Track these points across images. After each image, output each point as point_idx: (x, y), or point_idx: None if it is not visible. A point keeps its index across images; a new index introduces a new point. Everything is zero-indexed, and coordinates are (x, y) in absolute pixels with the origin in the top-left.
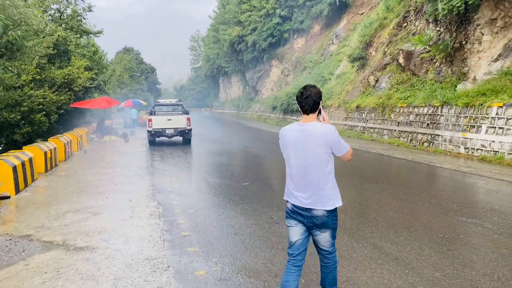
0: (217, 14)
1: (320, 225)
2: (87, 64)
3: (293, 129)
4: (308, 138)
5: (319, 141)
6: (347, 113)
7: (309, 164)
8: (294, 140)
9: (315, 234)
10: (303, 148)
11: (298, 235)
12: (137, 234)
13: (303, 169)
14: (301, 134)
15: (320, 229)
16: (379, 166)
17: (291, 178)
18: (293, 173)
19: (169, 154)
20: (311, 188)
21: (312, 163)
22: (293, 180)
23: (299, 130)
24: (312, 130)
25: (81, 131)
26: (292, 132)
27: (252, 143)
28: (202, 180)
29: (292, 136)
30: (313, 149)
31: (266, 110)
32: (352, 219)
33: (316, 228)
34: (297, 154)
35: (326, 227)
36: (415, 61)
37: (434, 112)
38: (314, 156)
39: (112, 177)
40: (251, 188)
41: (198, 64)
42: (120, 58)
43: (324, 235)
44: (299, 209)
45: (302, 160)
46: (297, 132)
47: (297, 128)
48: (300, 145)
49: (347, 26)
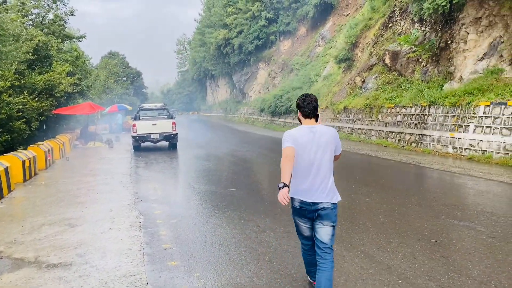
0: (203, 17)
1: (324, 218)
2: (70, 69)
3: (303, 131)
4: (320, 139)
5: (329, 140)
6: (335, 115)
7: (318, 161)
8: (306, 141)
9: (318, 227)
10: (315, 147)
11: (309, 230)
12: (115, 247)
13: (313, 166)
14: (312, 135)
15: (323, 221)
16: (368, 168)
17: (300, 175)
18: (303, 171)
19: (154, 160)
20: (318, 183)
21: (321, 160)
22: (301, 177)
23: (310, 132)
24: (322, 131)
25: (64, 138)
26: (302, 133)
27: (240, 147)
28: (187, 187)
29: (306, 138)
30: (323, 148)
31: (254, 112)
32: (341, 225)
33: (319, 221)
34: (308, 153)
35: (329, 220)
36: (401, 61)
37: (421, 112)
38: (324, 154)
39: (94, 185)
40: (238, 194)
41: (185, 68)
42: (105, 63)
43: (326, 228)
44: (306, 204)
45: (313, 158)
46: (308, 134)
47: (307, 130)
48: (312, 144)
49: (333, 28)
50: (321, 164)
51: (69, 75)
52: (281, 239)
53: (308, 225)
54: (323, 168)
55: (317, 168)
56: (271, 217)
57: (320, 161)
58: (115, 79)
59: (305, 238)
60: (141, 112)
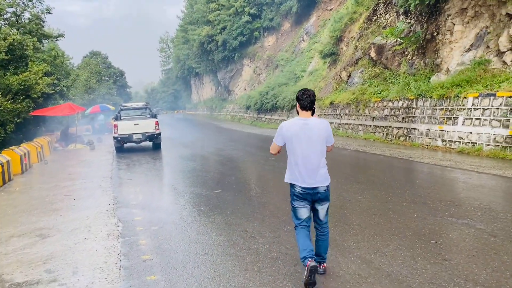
0: (185, 14)
1: (323, 199)
2: (48, 69)
3: (297, 123)
4: (312, 130)
5: (321, 132)
6: (321, 110)
7: (312, 151)
8: (300, 131)
9: (317, 208)
10: (308, 137)
11: (307, 212)
12: (89, 261)
13: (308, 155)
14: (306, 127)
15: (322, 202)
16: (357, 164)
17: (297, 164)
18: (298, 160)
19: (136, 161)
20: (315, 170)
21: (315, 150)
22: (298, 165)
23: (303, 124)
24: (315, 123)
25: (43, 141)
26: (296, 124)
27: (226, 146)
28: (170, 189)
29: (297, 128)
30: (316, 138)
31: (240, 110)
32: (335, 226)
33: (319, 203)
34: (302, 143)
35: (326, 200)
36: (387, 55)
37: (409, 106)
38: (317, 144)
39: (71, 190)
40: (224, 195)
41: (168, 66)
42: (86, 63)
43: (323, 207)
44: (307, 189)
45: (307, 148)
46: (302, 126)
47: (301, 122)
48: (305, 135)
49: (317, 23)
50: (316, 154)
51: (47, 75)
52: (270, 245)
53: (307, 207)
54: (315, 156)
55: (312, 157)
56: (260, 220)
57: (314, 152)
58: (97, 79)
59: (303, 220)
60: (123, 112)
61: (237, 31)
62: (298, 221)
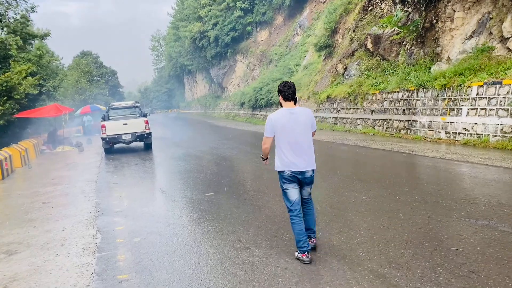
0: (176, 11)
1: (310, 182)
2: (32, 70)
3: (284, 114)
4: (299, 118)
5: (306, 119)
6: (318, 105)
7: (301, 137)
8: (288, 121)
9: (304, 189)
10: (296, 125)
11: (296, 194)
12: (57, 283)
13: (297, 141)
14: (293, 116)
15: (309, 184)
16: (358, 160)
17: (287, 151)
18: (288, 147)
19: (125, 163)
20: (304, 154)
21: (303, 136)
22: (288, 152)
23: (290, 113)
24: (300, 112)
25: (27, 144)
26: (284, 116)
27: (220, 144)
28: (158, 193)
29: (285, 118)
30: (303, 126)
31: (234, 107)
32: (339, 233)
33: (306, 185)
34: (292, 131)
35: (312, 182)
36: (384, 45)
37: (409, 97)
38: (304, 131)
39: (51, 197)
40: (216, 199)
41: (161, 65)
42: (76, 63)
43: (308, 188)
44: (295, 173)
45: (296, 135)
46: (289, 115)
47: (287, 112)
48: (293, 123)
49: (310, 16)
50: (303, 140)
51: (32, 75)
52: (267, 257)
53: (296, 188)
54: (305, 143)
55: (301, 143)
56: (255, 227)
57: (302, 138)
58: (88, 79)
59: (294, 204)
60: (111, 111)
61: (229, 27)
62: (290, 204)
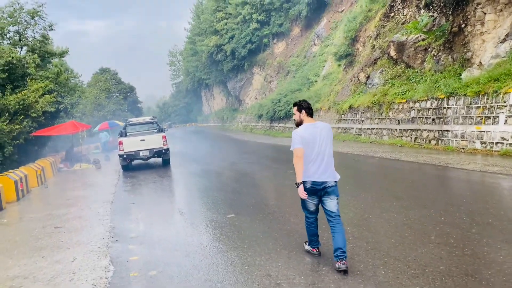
0: (193, 26)
1: (331, 193)
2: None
3: (309, 128)
4: (322, 132)
5: (329, 133)
6: (340, 115)
7: (323, 150)
8: (313, 135)
9: (327, 201)
10: (321, 139)
11: (314, 206)
12: None
13: (319, 155)
14: (317, 130)
15: (330, 196)
16: (390, 174)
17: (311, 163)
18: (312, 159)
19: (142, 180)
20: (326, 167)
21: (326, 148)
22: (313, 164)
23: (314, 128)
24: (322, 126)
25: (44, 162)
26: (309, 130)
27: (239, 159)
28: (176, 215)
29: (311, 132)
30: (326, 139)
31: (252, 119)
32: (384, 265)
33: (327, 196)
34: (317, 144)
35: (334, 194)
36: (408, 52)
37: (439, 105)
38: (327, 144)
39: (64, 220)
40: (239, 221)
41: (178, 79)
42: (95, 79)
43: (333, 202)
44: (316, 184)
45: (320, 147)
46: (313, 129)
47: (311, 126)
48: (318, 137)
49: (328, 25)
50: (325, 152)
51: (50, 93)
52: None
53: (315, 202)
54: (327, 155)
55: (323, 155)
56: (285, 257)
57: (325, 150)
58: (107, 95)
59: (311, 212)
60: (128, 127)
61: (245, 39)
62: (307, 212)
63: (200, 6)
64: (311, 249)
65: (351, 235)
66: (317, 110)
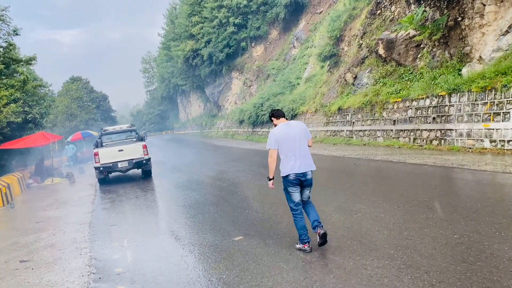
0: (167, 31)
1: (309, 183)
2: (16, 96)
3: (283, 127)
4: (295, 129)
5: (301, 129)
6: (328, 118)
7: (299, 144)
8: (288, 133)
9: (304, 191)
10: (295, 136)
11: (298, 196)
12: None
13: (297, 148)
14: (291, 129)
15: (309, 186)
16: (405, 180)
17: (292, 155)
18: (290, 153)
19: (123, 195)
20: (303, 158)
21: (301, 143)
22: (291, 158)
23: (288, 126)
24: (295, 124)
25: (11, 178)
26: (284, 128)
27: (228, 167)
28: (169, 239)
29: (285, 130)
30: (300, 135)
31: (233, 125)
32: None
33: (307, 187)
34: (292, 140)
35: (311, 185)
36: (399, 50)
37: (440, 103)
38: (302, 139)
39: (33, 251)
40: (249, 246)
41: (153, 86)
42: (66, 88)
43: (308, 190)
44: (298, 175)
45: (296, 143)
46: (288, 128)
47: (285, 125)
48: (293, 133)
49: (307, 27)
50: (301, 147)
51: (15, 102)
52: None
53: (298, 191)
54: (303, 149)
55: (299, 150)
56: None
57: (300, 145)
58: (79, 105)
59: (297, 204)
60: (104, 137)
61: (223, 43)
62: (293, 204)
63: (173, 11)
64: (303, 246)
65: (394, 265)
66: (303, 113)
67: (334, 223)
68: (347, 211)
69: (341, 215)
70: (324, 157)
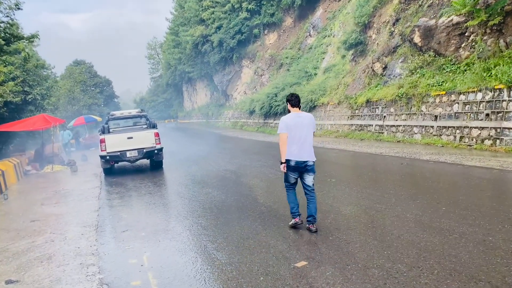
0: (175, 16)
1: (310, 170)
2: (16, 74)
3: (293, 116)
4: (304, 121)
5: (309, 122)
6: (353, 110)
7: (304, 135)
8: (297, 122)
9: (305, 177)
10: (302, 126)
11: (294, 179)
12: None
13: (303, 138)
14: (300, 119)
15: (309, 173)
16: (485, 188)
17: (294, 145)
18: (296, 142)
19: (133, 189)
20: (307, 149)
21: (307, 134)
22: (295, 146)
23: (297, 117)
24: (305, 116)
25: (6, 165)
26: (293, 118)
27: (247, 160)
28: (205, 259)
29: (294, 121)
30: (307, 127)
31: (242, 115)
32: None
33: (307, 173)
34: (299, 130)
35: (313, 171)
36: (439, 38)
37: (495, 98)
38: (308, 131)
39: (24, 266)
40: (319, 276)
41: (157, 73)
42: (69, 71)
43: (310, 177)
44: (299, 163)
45: (302, 133)
46: (297, 119)
47: (295, 115)
48: (301, 125)
49: (324, 15)
50: (306, 137)
51: (13, 80)
52: None
53: (296, 176)
54: (308, 139)
55: (304, 139)
56: None
57: (305, 135)
58: (82, 88)
59: (291, 184)
60: (111, 122)
61: (234, 29)
62: (288, 183)
63: None
64: (294, 220)
65: None
66: (323, 105)
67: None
68: (436, 230)
69: (433, 236)
70: (358, 154)
